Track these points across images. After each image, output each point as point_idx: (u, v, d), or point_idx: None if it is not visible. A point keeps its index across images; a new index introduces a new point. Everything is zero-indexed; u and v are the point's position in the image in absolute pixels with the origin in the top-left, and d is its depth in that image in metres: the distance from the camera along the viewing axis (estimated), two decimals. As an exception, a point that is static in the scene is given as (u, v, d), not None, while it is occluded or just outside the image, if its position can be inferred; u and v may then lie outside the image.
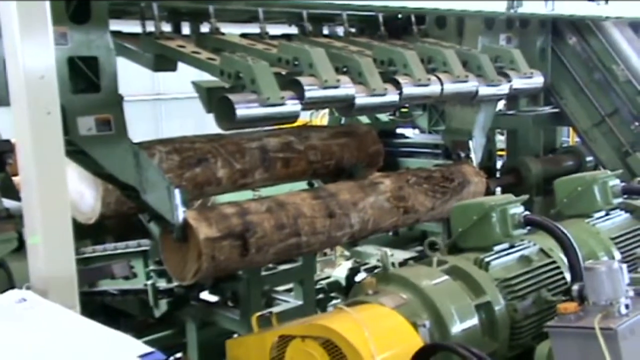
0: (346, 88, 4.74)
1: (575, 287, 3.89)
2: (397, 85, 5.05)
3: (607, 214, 5.52)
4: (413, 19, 6.22)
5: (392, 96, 5.02)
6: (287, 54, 4.72)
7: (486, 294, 4.30)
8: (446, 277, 4.30)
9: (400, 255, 6.79)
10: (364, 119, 7.85)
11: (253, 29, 5.45)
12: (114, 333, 2.67)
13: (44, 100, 3.08)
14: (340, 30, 6.10)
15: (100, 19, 4.06)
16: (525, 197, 4.96)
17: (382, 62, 5.24)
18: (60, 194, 3.20)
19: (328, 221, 5.13)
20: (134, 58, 4.93)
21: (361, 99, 4.82)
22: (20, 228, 3.71)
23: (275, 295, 6.00)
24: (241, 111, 4.21)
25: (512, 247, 4.75)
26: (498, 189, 6.92)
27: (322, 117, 10.11)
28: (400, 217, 5.64)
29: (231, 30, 5.74)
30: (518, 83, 5.88)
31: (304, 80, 4.53)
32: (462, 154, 6.28)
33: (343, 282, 6.84)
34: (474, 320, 4.17)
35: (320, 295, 6.36)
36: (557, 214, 5.52)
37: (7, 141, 3.40)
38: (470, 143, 6.27)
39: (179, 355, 5.26)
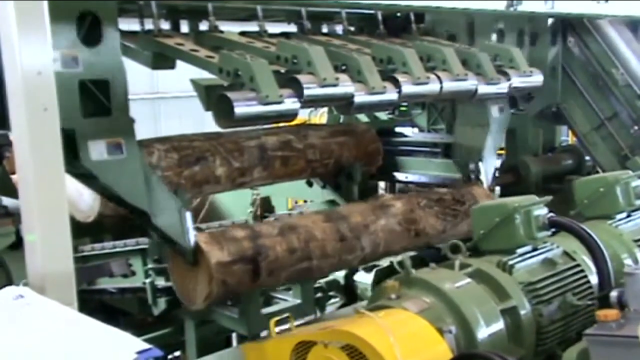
0: (345, 86, 4.71)
1: (614, 294, 3.78)
2: (396, 84, 5.02)
3: (629, 215, 5.46)
4: (412, 17, 6.19)
5: (391, 94, 5.00)
6: (285, 52, 4.70)
7: (512, 298, 4.20)
8: (470, 280, 4.20)
9: (399, 255, 6.79)
10: (363, 118, 7.86)
11: (252, 27, 5.44)
12: (111, 330, 2.66)
13: (41, 97, 3.07)
14: (339, 29, 6.10)
15: (112, 40, 4.03)
16: (548, 198, 4.87)
17: (381, 60, 5.21)
18: (58, 191, 3.19)
19: (339, 244, 5.12)
20: (132, 56, 4.92)
21: (360, 97, 4.79)
22: (18, 224, 3.71)
23: (274, 294, 5.99)
24: (240, 109, 4.19)
25: (535, 249, 4.65)
26: (497, 188, 6.92)
27: (320, 116, 10.10)
28: (412, 240, 5.62)
29: (230, 29, 5.73)
30: (517, 82, 5.83)
31: (302, 78, 4.50)
32: (473, 176, 6.24)
33: (342, 281, 6.83)
34: (499, 326, 4.07)
35: (319, 294, 6.36)
36: (577, 215, 5.43)
37: (5, 135, 3.38)
38: (481, 164, 6.23)
39: (177, 353, 5.25)
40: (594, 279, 4.63)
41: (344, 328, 3.55)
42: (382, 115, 8.21)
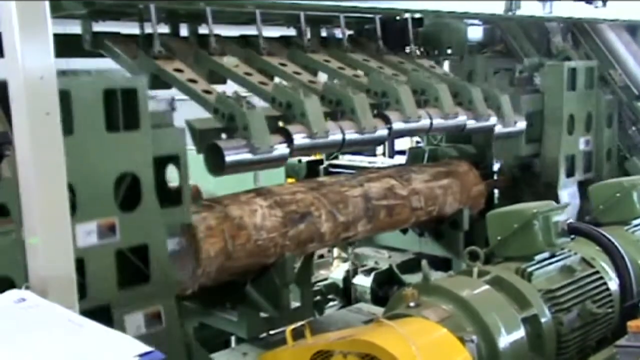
0: (335, 135, 4.76)
1: None
2: (387, 121, 5.09)
3: None
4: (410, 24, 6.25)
5: (382, 132, 5.05)
6: (281, 97, 4.74)
7: (532, 306, 4.15)
8: (489, 288, 4.14)
9: (398, 258, 6.80)
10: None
11: (251, 30, 5.46)
12: (113, 332, 2.67)
13: (43, 101, 3.07)
14: (338, 32, 6.11)
15: (150, 200, 3.96)
16: (567, 203, 4.84)
17: (376, 94, 5.29)
18: (60, 195, 3.19)
19: None
20: (130, 71, 4.89)
21: (350, 135, 4.84)
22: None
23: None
24: (230, 157, 4.24)
25: (553, 256, 4.61)
26: (496, 191, 6.93)
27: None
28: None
29: (229, 33, 5.75)
30: (499, 128, 5.96)
31: (293, 129, 4.56)
32: None
33: (340, 284, 6.85)
34: (520, 334, 4.01)
35: (318, 297, 6.37)
36: (593, 221, 5.40)
37: (5, 133, 3.38)
38: None
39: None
40: (612, 286, 4.61)
41: (364, 337, 3.45)
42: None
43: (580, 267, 4.64)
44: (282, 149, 4.48)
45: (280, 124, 4.72)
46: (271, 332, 5.24)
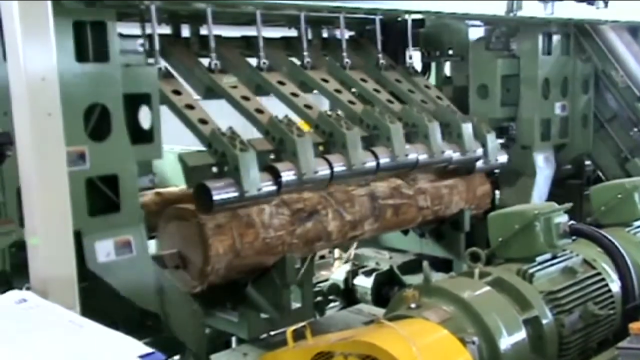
0: (323, 171, 4.82)
1: None
2: (375, 156, 5.17)
3: None
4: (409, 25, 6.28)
5: (369, 165, 5.12)
6: (275, 132, 4.78)
7: (534, 307, 4.12)
8: (491, 289, 4.13)
9: (398, 259, 6.80)
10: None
11: (252, 31, 5.46)
12: (114, 333, 2.67)
13: (44, 102, 3.08)
14: (338, 33, 6.11)
15: (120, 133, 4.06)
16: (569, 205, 4.83)
17: (368, 126, 5.35)
18: (61, 195, 3.20)
19: None
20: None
21: (338, 169, 4.90)
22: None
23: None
24: (219, 197, 4.32)
25: (554, 257, 4.60)
26: (497, 192, 6.93)
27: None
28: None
29: (231, 33, 5.75)
30: (481, 163, 6.08)
31: (282, 167, 4.62)
32: None
33: (341, 285, 6.84)
34: (522, 336, 3.99)
35: (319, 298, 6.37)
36: (594, 222, 5.38)
37: (7, 133, 3.39)
38: None
39: (177, 357, 5.25)
40: (614, 288, 4.61)
41: (364, 339, 3.43)
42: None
43: (581, 269, 4.62)
44: (270, 187, 4.55)
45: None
46: (272, 332, 5.24)
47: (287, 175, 4.62)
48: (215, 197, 4.30)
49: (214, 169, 4.48)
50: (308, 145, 4.73)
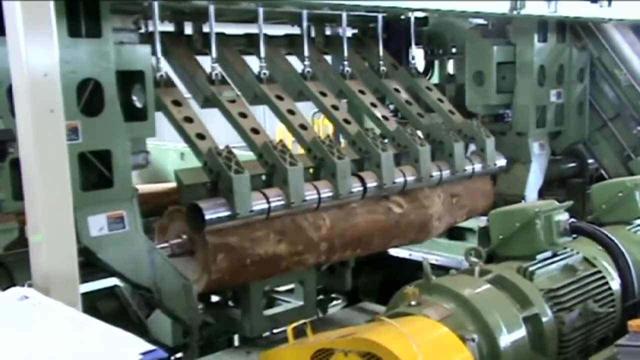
0: (311, 196, 4.84)
1: None
2: (363, 182, 5.19)
3: None
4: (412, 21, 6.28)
5: (356, 190, 5.14)
6: (267, 157, 4.79)
7: (534, 305, 4.12)
8: (491, 287, 4.13)
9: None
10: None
11: (254, 29, 5.45)
12: (115, 330, 2.67)
13: (47, 98, 3.08)
14: (341, 31, 6.10)
15: (113, 109, 4.10)
16: (570, 203, 4.82)
17: (360, 149, 5.37)
18: (63, 192, 3.20)
19: None
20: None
21: (325, 194, 4.93)
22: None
23: (276, 296, 5.99)
24: (210, 216, 4.36)
25: (554, 255, 4.60)
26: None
27: (324, 119, 10.05)
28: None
29: (233, 31, 5.75)
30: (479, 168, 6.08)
31: (269, 193, 4.64)
32: None
33: (344, 283, 6.82)
34: (522, 333, 3.99)
35: (321, 296, 6.36)
36: (595, 220, 5.38)
37: (9, 130, 3.38)
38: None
39: (179, 355, 5.26)
40: (614, 286, 4.60)
41: (365, 336, 3.43)
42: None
43: (582, 267, 4.61)
44: (261, 206, 4.58)
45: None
46: (274, 330, 5.24)
47: (276, 200, 4.67)
48: (207, 217, 4.35)
49: (207, 184, 4.56)
50: (299, 174, 4.75)
